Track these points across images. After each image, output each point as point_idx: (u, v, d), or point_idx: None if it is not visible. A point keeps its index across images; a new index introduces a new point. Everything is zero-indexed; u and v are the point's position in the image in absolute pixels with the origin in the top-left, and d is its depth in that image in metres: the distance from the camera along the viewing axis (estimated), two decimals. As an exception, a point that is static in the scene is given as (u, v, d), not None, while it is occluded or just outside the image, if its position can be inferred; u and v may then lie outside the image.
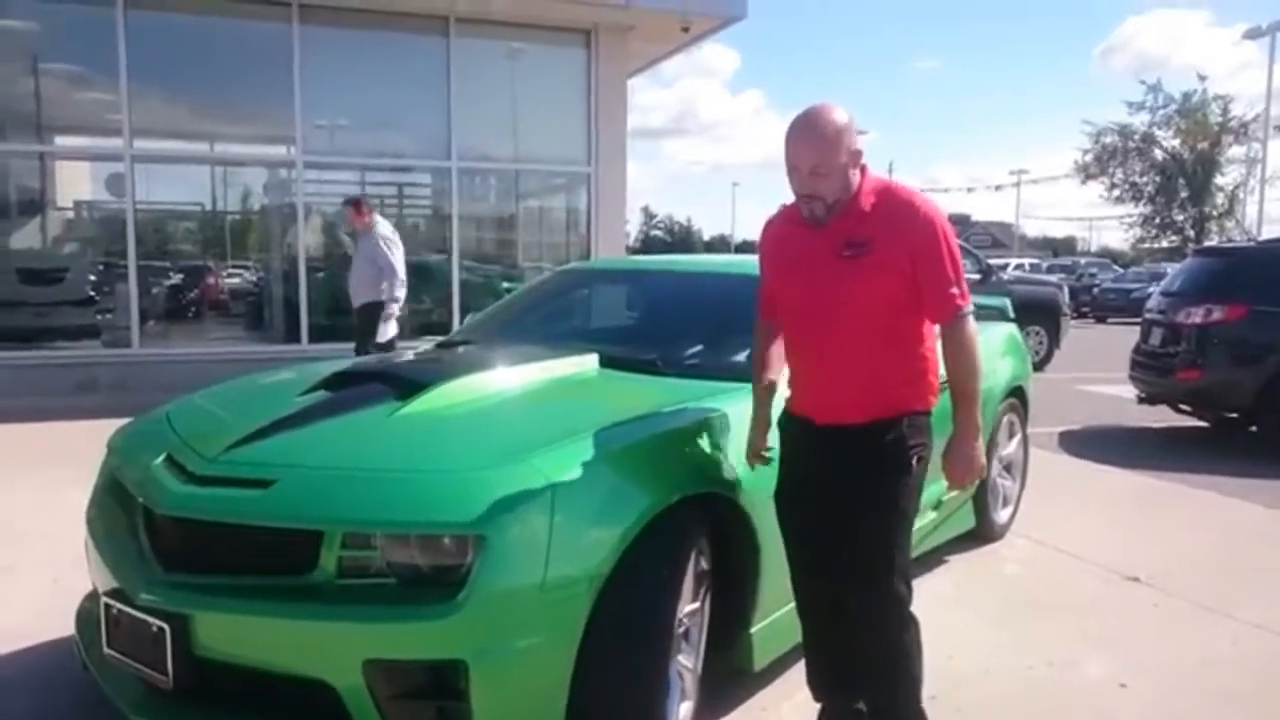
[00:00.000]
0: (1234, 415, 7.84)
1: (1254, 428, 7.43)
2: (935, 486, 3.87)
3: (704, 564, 2.54)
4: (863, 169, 2.28)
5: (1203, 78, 42.31)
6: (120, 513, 2.67)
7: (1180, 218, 46.46)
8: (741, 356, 3.20)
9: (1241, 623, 3.58)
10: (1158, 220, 46.93)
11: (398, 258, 7.19)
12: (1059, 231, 74.76)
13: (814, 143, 2.21)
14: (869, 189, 2.27)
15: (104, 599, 2.32)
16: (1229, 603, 3.77)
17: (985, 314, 4.94)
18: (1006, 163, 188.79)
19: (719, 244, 71.31)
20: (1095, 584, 4.09)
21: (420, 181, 10.66)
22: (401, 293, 7.29)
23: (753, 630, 2.73)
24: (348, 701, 2.06)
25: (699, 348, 3.32)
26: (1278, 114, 30.43)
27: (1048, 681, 3.10)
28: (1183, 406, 7.88)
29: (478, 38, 9.74)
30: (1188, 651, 3.34)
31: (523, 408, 2.74)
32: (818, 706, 2.86)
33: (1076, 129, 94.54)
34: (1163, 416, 8.35)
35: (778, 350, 2.52)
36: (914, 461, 2.30)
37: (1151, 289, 23.93)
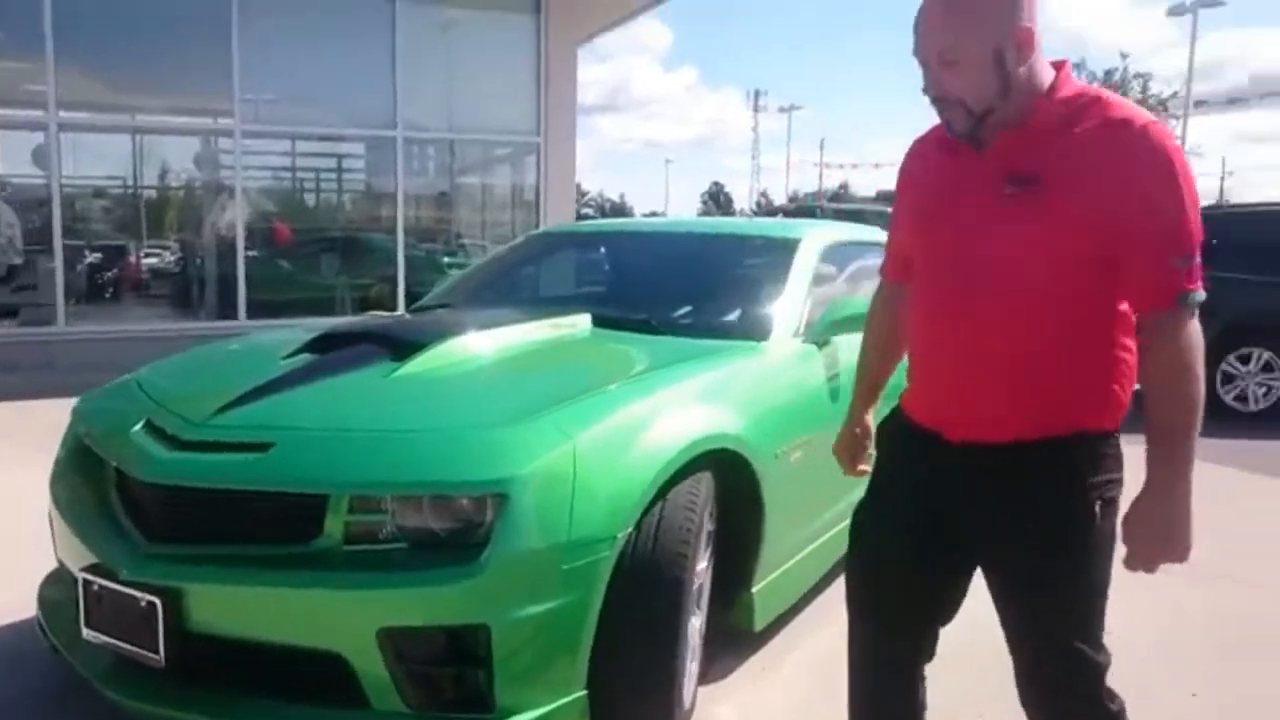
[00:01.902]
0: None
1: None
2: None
3: (710, 523, 2.48)
4: (1057, 67, 1.56)
5: (1124, 56, 43.52)
6: (92, 483, 2.51)
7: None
8: (732, 316, 3.16)
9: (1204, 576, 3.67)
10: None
11: None
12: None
13: (943, 10, 1.50)
14: (1057, 95, 1.53)
15: (82, 575, 2.16)
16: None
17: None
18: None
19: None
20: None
21: (362, 153, 10.34)
22: None
23: (754, 590, 2.68)
24: (360, 672, 1.95)
25: (687, 307, 3.26)
26: (1197, 91, 31.53)
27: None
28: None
29: (424, 3, 9.47)
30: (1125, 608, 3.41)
31: (526, 366, 2.64)
32: (817, 663, 2.84)
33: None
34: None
35: (901, 327, 1.82)
36: (1096, 506, 1.55)
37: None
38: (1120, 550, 1.57)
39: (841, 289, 3.54)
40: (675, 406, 2.38)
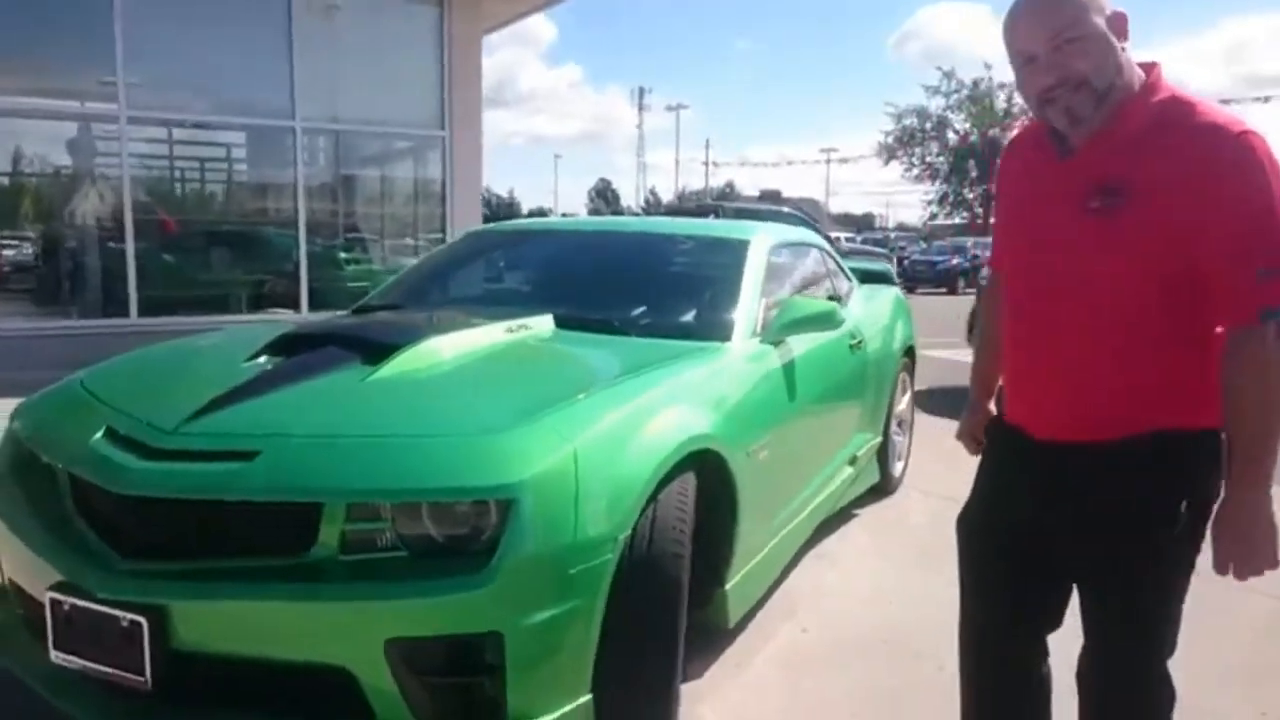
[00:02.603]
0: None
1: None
2: (858, 437, 4.03)
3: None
4: (1146, 69, 1.52)
5: (988, 66, 45.68)
6: (40, 495, 2.36)
7: (970, 196, 50.31)
8: (693, 317, 3.21)
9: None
10: (951, 198, 50.66)
11: None
12: (858, 208, 79.05)
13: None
14: (1149, 99, 1.49)
15: (50, 595, 2.03)
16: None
17: (870, 278, 5.16)
18: (815, 142, 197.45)
19: (539, 216, 70.74)
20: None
21: (260, 144, 9.92)
22: None
23: (727, 587, 2.73)
24: (365, 686, 1.90)
25: (646, 308, 3.28)
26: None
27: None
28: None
29: (321, -13, 9.17)
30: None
31: (504, 369, 2.61)
32: (786, 659, 2.91)
33: (881, 111, 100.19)
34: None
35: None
36: (1180, 508, 1.54)
37: (955, 260, 26.03)
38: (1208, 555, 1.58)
39: (786, 289, 3.64)
40: (662, 408, 2.40)
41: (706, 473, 2.50)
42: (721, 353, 2.90)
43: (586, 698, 2.05)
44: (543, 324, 2.98)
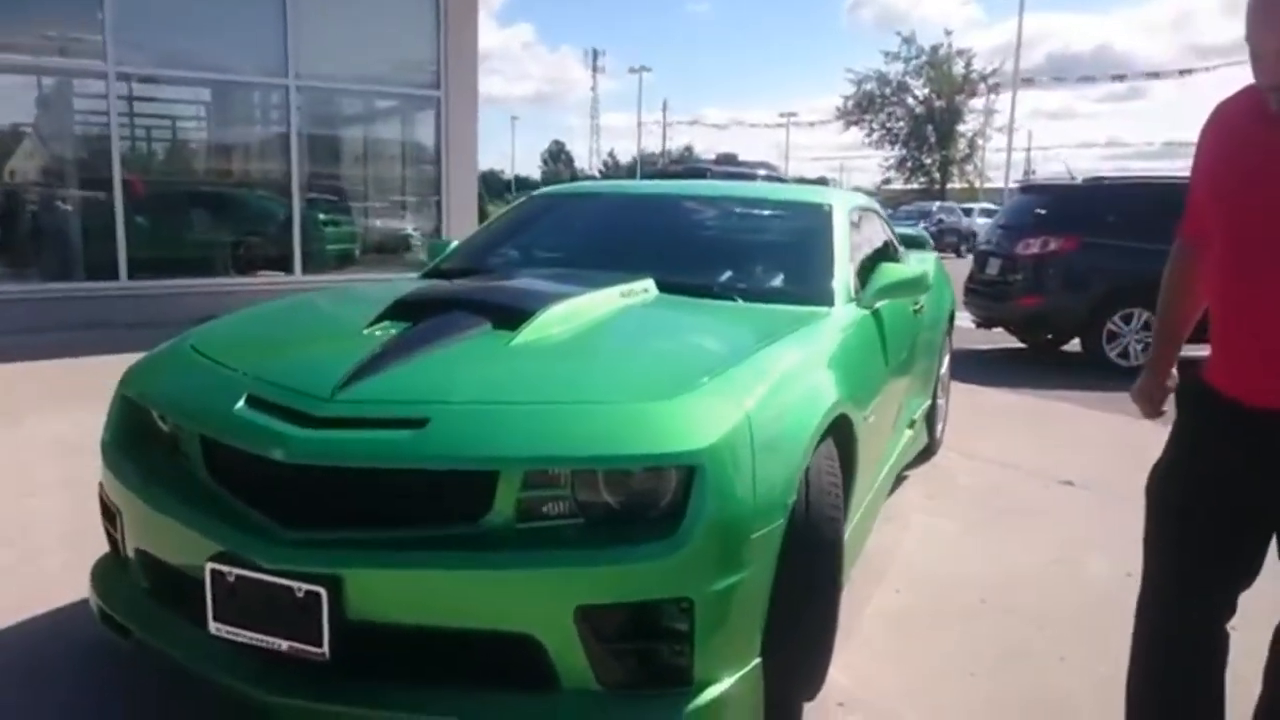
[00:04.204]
0: (1050, 336, 8.79)
1: (1068, 347, 8.33)
2: (915, 401, 4.07)
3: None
4: None
5: (948, 32, 46.05)
6: (167, 464, 2.30)
7: (928, 161, 50.82)
8: (795, 283, 3.19)
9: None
10: (909, 164, 51.11)
11: None
12: (813, 172, 79.31)
13: None
14: None
15: (211, 566, 1.98)
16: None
17: (908, 243, 5.18)
18: (768, 106, 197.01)
19: (492, 178, 69.67)
20: (1039, 489, 4.46)
21: (253, 103, 9.62)
22: None
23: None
24: (553, 653, 1.89)
25: (735, 274, 3.26)
26: (998, 69, 33.63)
27: (1072, 578, 3.36)
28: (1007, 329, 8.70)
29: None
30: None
31: (641, 333, 2.58)
32: (890, 617, 2.96)
33: (838, 75, 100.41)
34: (989, 339, 9.16)
35: (1199, 283, 1.91)
36: None
37: (922, 225, 26.34)
38: None
39: (862, 254, 3.64)
40: (805, 375, 2.40)
41: (839, 437, 2.51)
42: (829, 318, 2.90)
43: (756, 661, 2.06)
44: (648, 288, 2.94)
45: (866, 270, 3.42)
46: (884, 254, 4.05)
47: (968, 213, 31.68)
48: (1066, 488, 4.48)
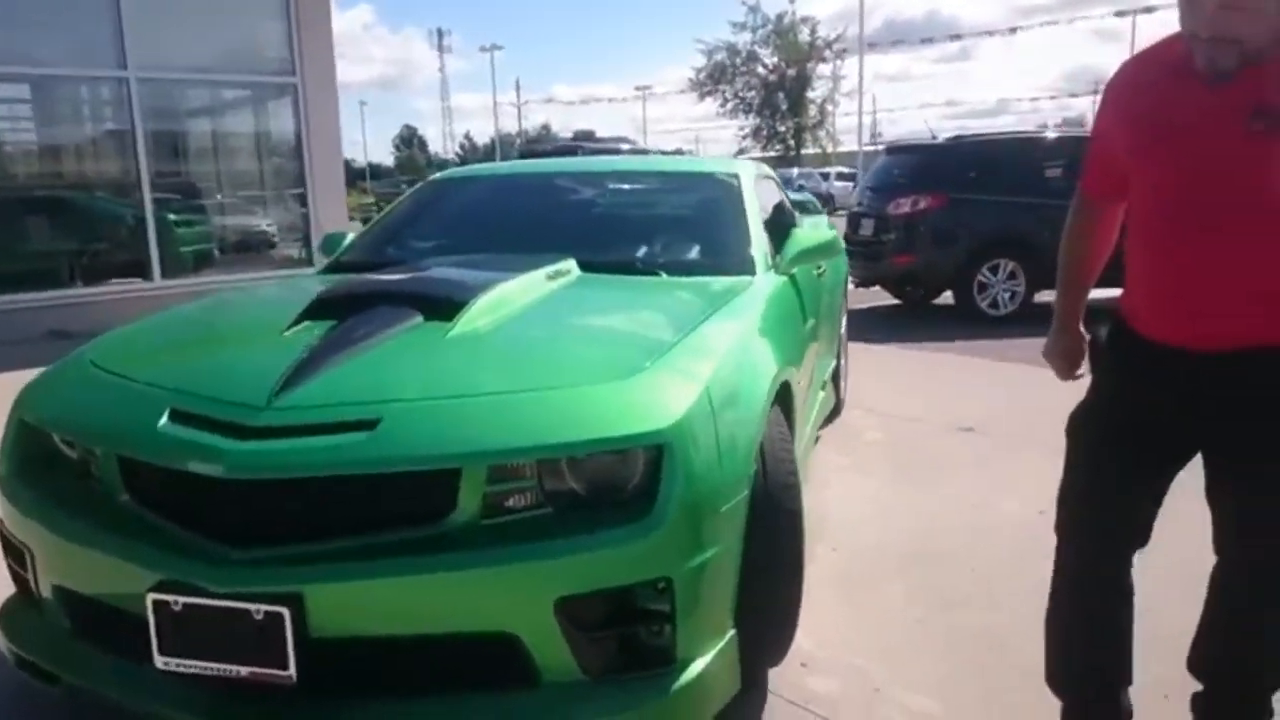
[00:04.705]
0: (923, 291, 9.15)
1: (939, 300, 8.73)
2: (824, 363, 4.16)
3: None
4: None
5: (792, 0, 47.09)
6: (79, 491, 2.12)
7: (782, 128, 52.01)
8: (714, 254, 3.19)
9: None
10: (764, 131, 52.17)
11: None
12: (669, 144, 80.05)
13: None
14: None
15: (152, 597, 1.83)
16: (1043, 438, 4.47)
17: (801, 209, 5.28)
18: (622, 81, 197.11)
19: (345, 167, 67.20)
20: (942, 437, 4.65)
21: (86, 97, 8.93)
22: None
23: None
24: (533, 647, 1.83)
25: (651, 248, 3.24)
26: (855, 35, 34.84)
27: (990, 521, 3.51)
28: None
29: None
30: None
31: (578, 315, 2.52)
32: (833, 577, 3.02)
33: (692, 47, 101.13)
34: (866, 298, 9.47)
35: (1106, 240, 1.98)
36: None
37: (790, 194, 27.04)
38: None
39: (771, 219, 3.67)
40: (747, 345, 2.40)
41: (782, 404, 2.53)
42: (754, 287, 2.91)
43: (731, 633, 2.06)
44: (570, 268, 2.88)
45: (773, 237, 3.45)
46: (786, 219, 4.10)
47: (825, 177, 32.69)
48: (967, 434, 4.68)
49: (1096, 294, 2.06)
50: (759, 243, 3.17)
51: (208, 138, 9.81)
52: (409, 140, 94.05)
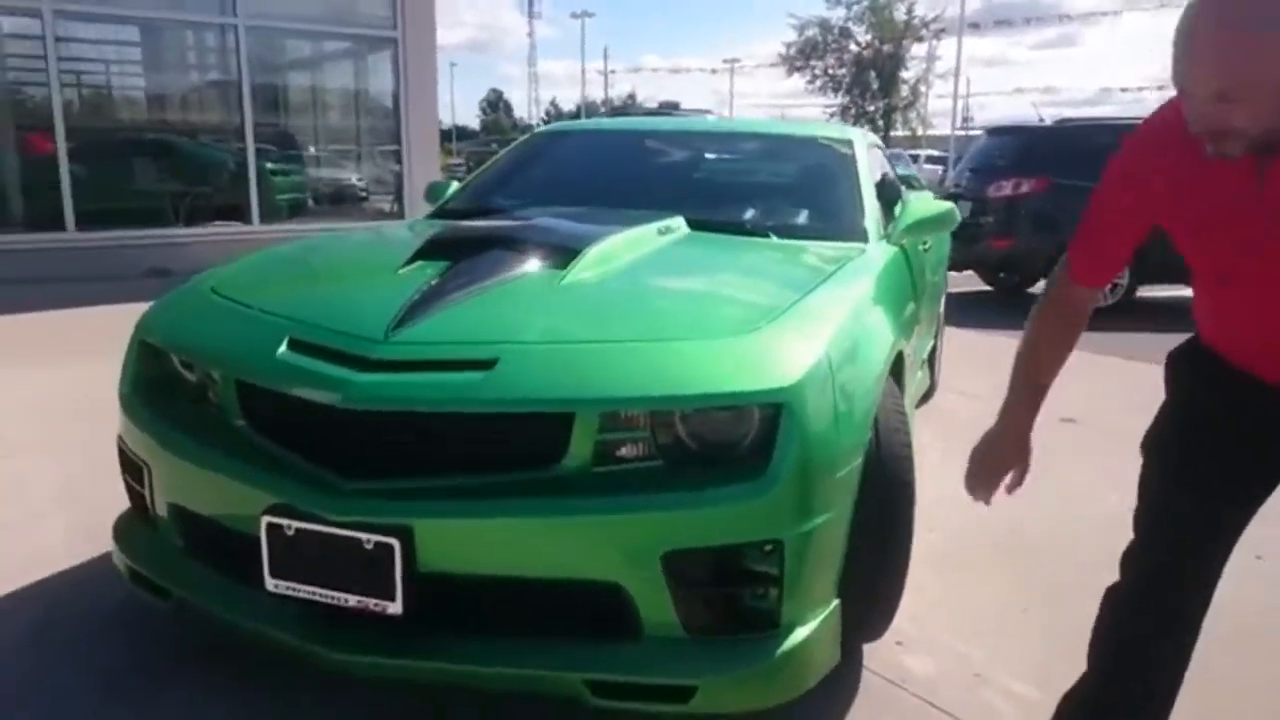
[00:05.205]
0: (1018, 278, 8.87)
1: (1028, 288, 8.47)
2: (924, 342, 4.05)
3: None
4: None
5: (887, -21, 45.98)
6: (197, 413, 2.16)
7: (871, 108, 50.91)
8: (827, 219, 3.11)
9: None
10: (853, 111, 51.14)
11: None
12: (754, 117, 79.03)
13: (1227, 45, 1.24)
14: None
15: (267, 519, 1.85)
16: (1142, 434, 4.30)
17: (906, 184, 5.13)
18: (710, 54, 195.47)
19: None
20: (1042, 426, 4.48)
21: (193, 45, 9.14)
22: None
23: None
24: (638, 600, 1.81)
25: (763, 210, 3.17)
26: (955, 15, 33.85)
27: (1093, 513, 3.38)
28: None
29: None
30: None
31: (692, 272, 2.48)
32: (931, 559, 2.94)
33: (783, 21, 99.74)
34: (956, 284, 9.21)
35: (1080, 328, 1.79)
36: None
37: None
38: None
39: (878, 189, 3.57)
40: (865, 311, 2.33)
41: (894, 375, 2.45)
42: (866, 255, 2.83)
43: (835, 603, 2.01)
44: (680, 225, 2.83)
45: (883, 207, 3.35)
46: (893, 192, 3.99)
47: (914, 159, 31.93)
48: (1069, 425, 4.52)
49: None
50: (872, 210, 3.08)
51: (308, 90, 9.97)
52: (495, 104, 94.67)
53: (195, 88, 9.36)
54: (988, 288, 9.27)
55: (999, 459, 1.83)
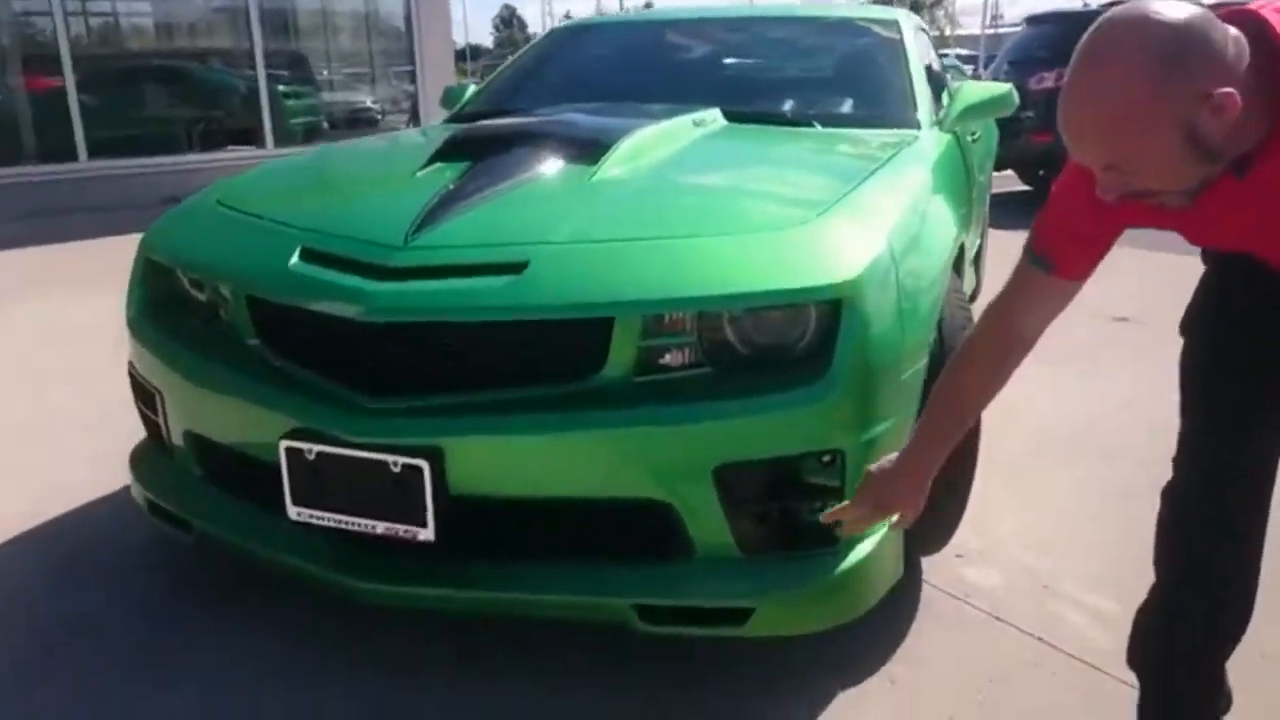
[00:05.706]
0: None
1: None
2: (972, 239, 3.83)
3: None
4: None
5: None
6: (208, 332, 2.03)
7: (897, 7, 49.25)
8: (876, 105, 2.88)
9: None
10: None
11: None
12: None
13: (1094, 129, 1.10)
14: None
15: (285, 444, 1.72)
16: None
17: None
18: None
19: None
20: (1095, 326, 4.29)
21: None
22: None
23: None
24: (687, 518, 1.67)
25: (804, 98, 2.94)
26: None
27: (1153, 415, 3.20)
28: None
29: None
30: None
31: (735, 163, 2.29)
32: (996, 462, 2.77)
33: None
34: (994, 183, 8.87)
35: (1016, 361, 1.59)
36: None
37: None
38: None
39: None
40: (925, 200, 2.13)
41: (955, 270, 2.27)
42: (919, 142, 2.61)
43: (895, 515, 1.86)
44: (716, 117, 2.62)
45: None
46: (938, 79, 3.72)
47: (943, 59, 30.82)
48: (1122, 324, 4.32)
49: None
50: (923, 95, 2.85)
51: (318, 13, 9.64)
52: (508, 20, 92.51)
53: (202, 13, 9.06)
54: (1027, 188, 8.91)
55: (891, 500, 1.53)
